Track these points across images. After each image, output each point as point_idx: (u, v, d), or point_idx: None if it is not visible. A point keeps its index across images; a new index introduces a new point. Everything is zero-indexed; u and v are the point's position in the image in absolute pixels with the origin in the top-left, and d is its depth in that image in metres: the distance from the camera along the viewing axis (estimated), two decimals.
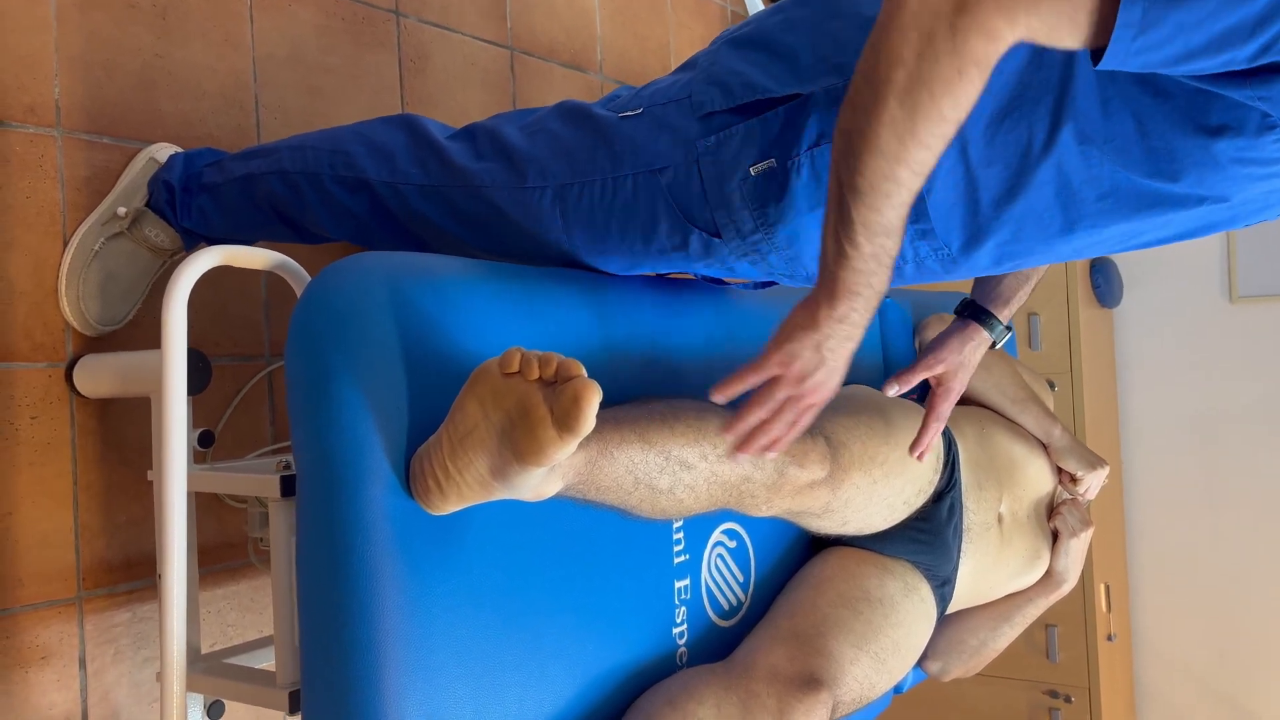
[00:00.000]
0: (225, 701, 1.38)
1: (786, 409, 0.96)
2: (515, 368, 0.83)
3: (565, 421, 0.80)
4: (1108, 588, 2.74)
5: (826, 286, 0.88)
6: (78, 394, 1.41)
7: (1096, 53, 0.73)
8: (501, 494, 0.89)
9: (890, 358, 1.73)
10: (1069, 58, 0.87)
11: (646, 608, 1.13)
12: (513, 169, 1.14)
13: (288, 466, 1.22)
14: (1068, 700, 2.68)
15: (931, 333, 1.76)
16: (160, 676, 1.17)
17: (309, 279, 1.09)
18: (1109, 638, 2.72)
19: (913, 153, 0.78)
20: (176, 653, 1.12)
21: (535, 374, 0.83)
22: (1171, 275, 2.90)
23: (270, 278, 1.66)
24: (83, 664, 1.41)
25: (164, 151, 1.49)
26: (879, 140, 0.78)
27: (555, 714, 1.01)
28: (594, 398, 0.80)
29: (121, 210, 1.42)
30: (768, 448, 0.98)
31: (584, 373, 0.82)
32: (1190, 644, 2.92)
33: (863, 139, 0.79)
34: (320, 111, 1.75)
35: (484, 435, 0.85)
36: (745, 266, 1.12)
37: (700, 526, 1.21)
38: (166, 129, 1.53)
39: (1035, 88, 0.90)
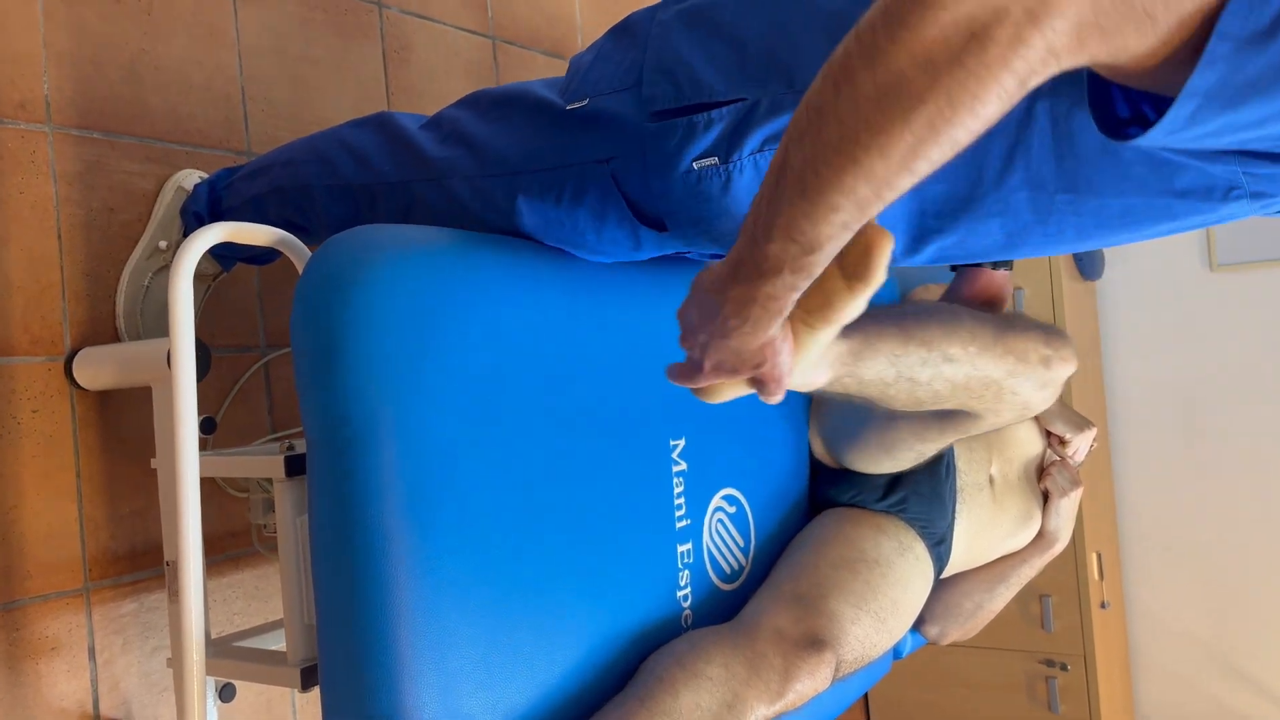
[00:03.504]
0: (235, 685, 1.40)
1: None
2: None
3: (856, 271, 0.73)
4: (1099, 556, 2.77)
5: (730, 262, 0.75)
6: (77, 386, 1.42)
7: (1113, 124, 0.65)
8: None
9: None
10: (1029, 107, 0.83)
11: (651, 571, 1.15)
12: (472, 155, 1.14)
13: (291, 448, 1.23)
14: (1064, 668, 2.72)
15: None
16: (174, 659, 1.19)
17: (309, 254, 1.11)
18: (1102, 605, 2.76)
19: (896, 176, 0.60)
20: (194, 631, 1.14)
21: None
22: (1152, 247, 2.94)
23: (264, 268, 1.67)
24: (92, 654, 1.42)
25: (190, 179, 1.53)
26: (857, 146, 0.60)
27: (566, 675, 1.03)
28: (886, 244, 0.72)
29: (163, 244, 1.49)
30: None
31: (874, 223, 0.72)
32: (1182, 609, 2.96)
33: (837, 135, 0.60)
34: (307, 103, 1.76)
35: None
36: (695, 250, 1.10)
37: (700, 492, 1.23)
38: (155, 123, 1.54)
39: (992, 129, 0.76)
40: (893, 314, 1.10)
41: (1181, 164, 0.80)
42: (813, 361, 0.87)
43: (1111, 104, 0.66)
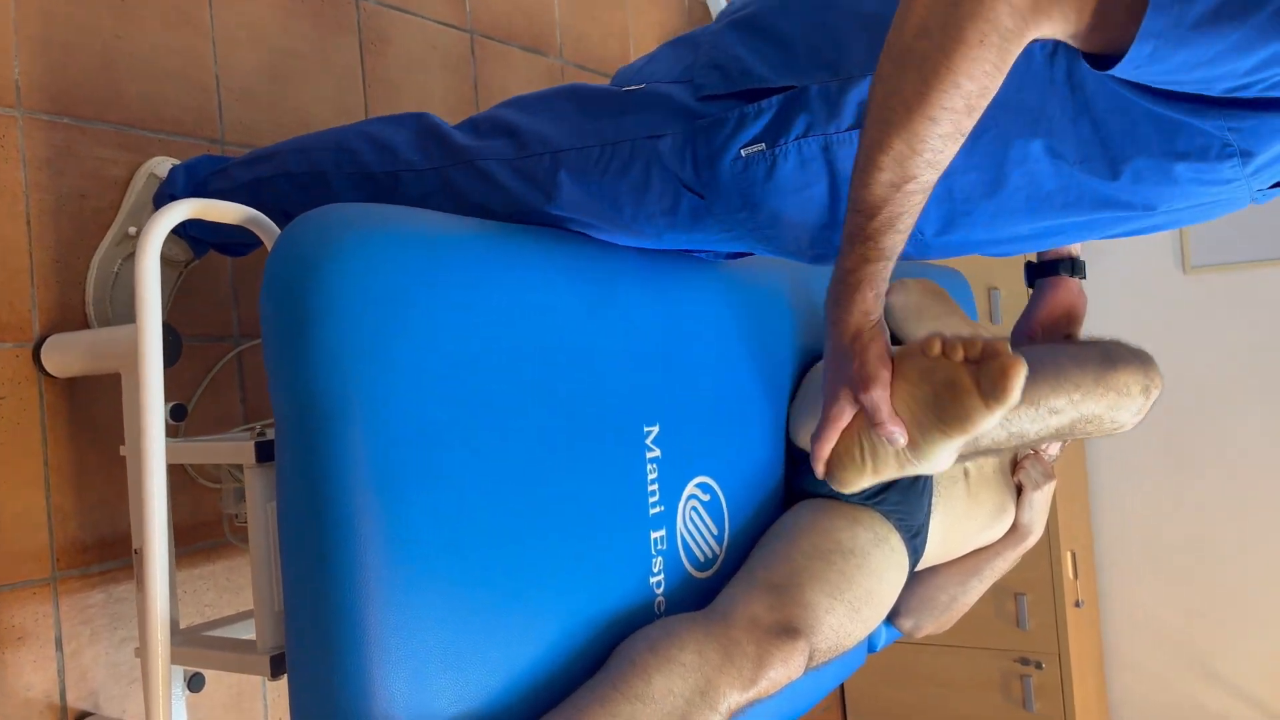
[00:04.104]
0: (205, 676, 1.38)
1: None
2: (938, 351, 0.90)
3: (994, 394, 0.87)
4: (1074, 555, 2.79)
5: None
6: (46, 374, 1.40)
7: (1100, 60, 0.78)
8: (911, 470, 0.97)
9: None
10: (1047, 87, 0.93)
11: (624, 557, 1.14)
12: (513, 141, 1.19)
13: (262, 434, 1.22)
14: (1039, 666, 2.73)
15: (896, 297, 1.79)
16: (141, 646, 1.17)
17: (279, 232, 1.10)
18: (1077, 604, 2.77)
19: (919, 123, 0.78)
20: (160, 616, 1.12)
21: (960, 356, 0.90)
22: (1126, 248, 2.96)
23: (237, 260, 1.66)
24: (59, 645, 1.40)
25: (163, 166, 1.51)
26: (891, 107, 0.79)
27: (537, 659, 1.03)
28: (1022, 371, 0.86)
29: (132, 230, 1.47)
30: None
31: (1009, 349, 0.88)
32: (1156, 608, 2.98)
33: (875, 105, 0.81)
34: (282, 93, 1.75)
35: (906, 410, 0.92)
36: (723, 239, 1.16)
37: (674, 479, 1.23)
38: (128, 110, 1.53)
39: (1013, 108, 0.95)
40: None
41: (1181, 123, 0.87)
42: (956, 445, 0.96)
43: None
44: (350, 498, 0.88)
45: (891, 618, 1.69)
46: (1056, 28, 0.76)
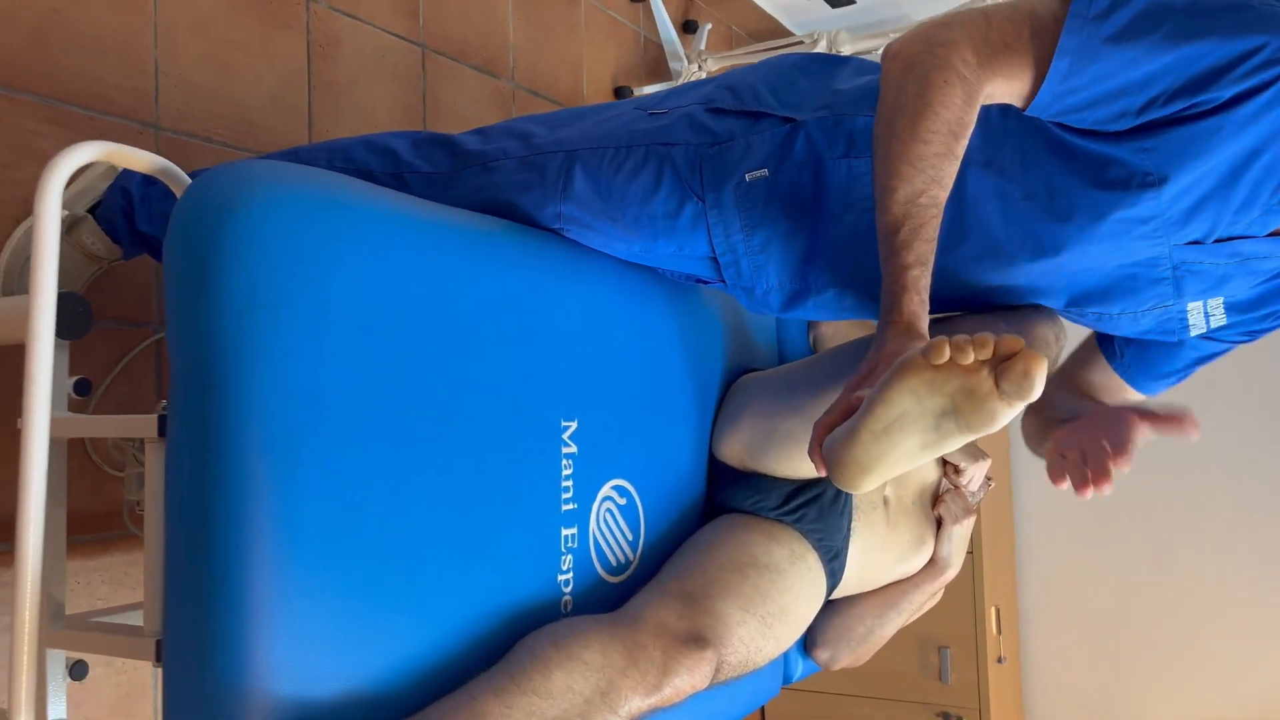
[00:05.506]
0: (89, 666, 1.32)
1: None
2: (946, 358, 0.87)
3: (1018, 392, 0.86)
4: (998, 611, 2.80)
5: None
6: None
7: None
8: (926, 460, 0.95)
9: (785, 353, 1.76)
10: (1003, 127, 1.06)
11: (531, 550, 1.12)
12: (525, 142, 1.24)
13: (166, 407, 1.18)
14: None
15: (825, 328, 1.80)
16: (11, 626, 1.11)
17: (190, 182, 1.07)
18: (999, 660, 2.77)
19: (914, 147, 0.93)
20: (31, 591, 1.06)
21: (971, 359, 0.87)
22: None
23: None
24: None
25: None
26: (891, 141, 0.95)
27: (432, 645, 0.99)
28: (1044, 365, 0.85)
29: (64, 213, 1.40)
30: None
31: (1022, 343, 0.87)
32: (1077, 668, 2.99)
33: (881, 143, 0.96)
34: (223, 84, 1.73)
35: (915, 419, 0.91)
36: (706, 264, 1.22)
37: (590, 478, 1.21)
38: (60, 84, 1.50)
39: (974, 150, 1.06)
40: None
41: (1108, 157, 0.99)
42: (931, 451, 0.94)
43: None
44: (242, 456, 0.85)
45: (808, 649, 1.67)
46: (1011, 86, 0.96)
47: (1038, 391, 0.86)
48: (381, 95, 2.04)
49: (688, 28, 3.12)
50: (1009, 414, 0.89)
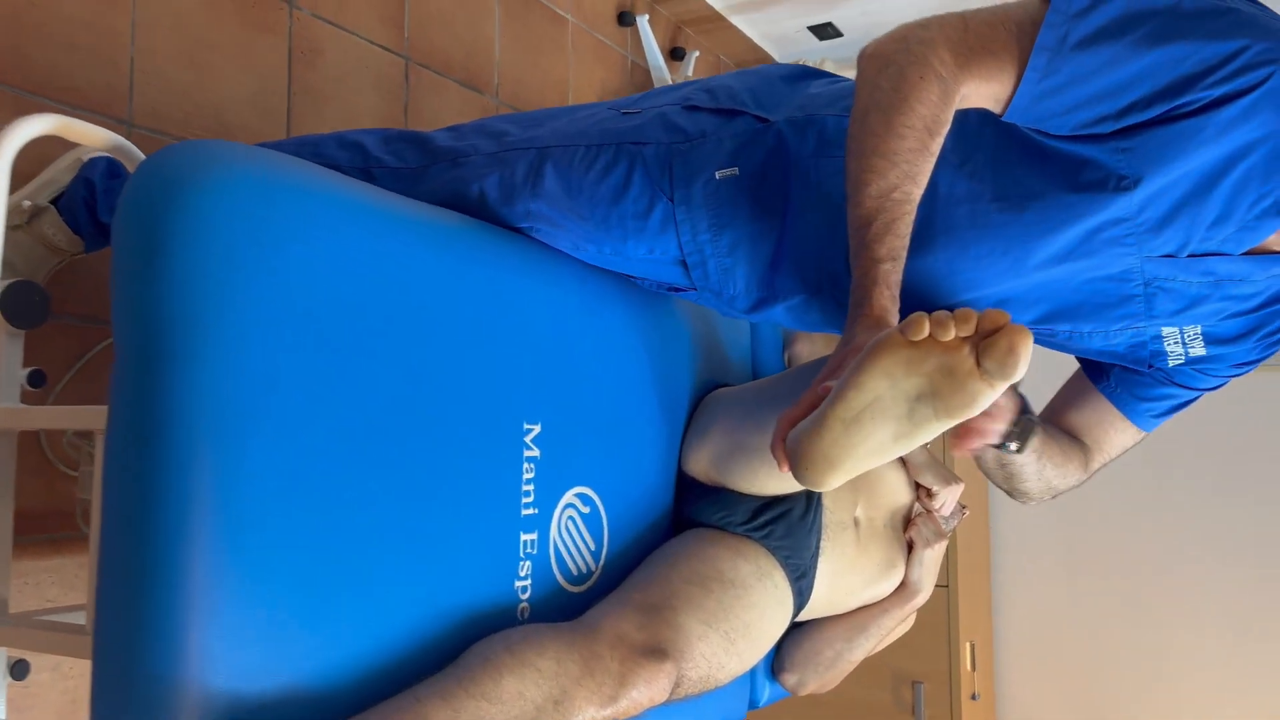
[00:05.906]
0: (30, 666, 1.28)
1: None
2: (925, 334, 0.82)
3: (1001, 371, 0.81)
4: (973, 646, 2.76)
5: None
6: None
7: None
8: (897, 454, 0.89)
9: (759, 370, 1.75)
10: (979, 133, 1.05)
11: (488, 553, 1.09)
12: (497, 140, 1.23)
13: None
14: None
15: (801, 346, 1.79)
16: None
17: (144, 158, 1.06)
18: (973, 697, 2.73)
19: (889, 142, 0.92)
20: None
21: (952, 334, 0.82)
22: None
23: None
24: None
25: (93, 156, 1.45)
26: (864, 133, 0.94)
27: (380, 647, 0.96)
28: (1029, 345, 0.80)
29: (26, 204, 1.40)
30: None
31: (1008, 318, 0.82)
32: (1051, 705, 2.96)
33: (855, 138, 0.95)
34: (200, 85, 1.72)
35: (889, 404, 0.85)
36: (675, 269, 1.20)
37: (552, 484, 1.18)
38: (31, 75, 1.49)
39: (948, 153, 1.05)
40: None
41: (1083, 159, 0.98)
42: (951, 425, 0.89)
43: None
44: (183, 440, 0.82)
45: (776, 673, 1.64)
46: (989, 88, 0.95)
47: (1022, 370, 0.82)
48: (363, 104, 2.03)
49: (675, 55, 3.13)
50: (990, 396, 0.84)
